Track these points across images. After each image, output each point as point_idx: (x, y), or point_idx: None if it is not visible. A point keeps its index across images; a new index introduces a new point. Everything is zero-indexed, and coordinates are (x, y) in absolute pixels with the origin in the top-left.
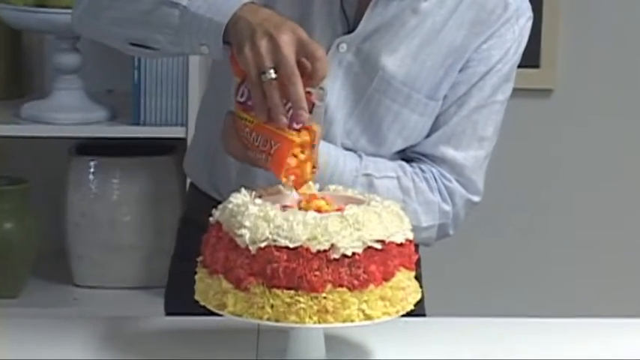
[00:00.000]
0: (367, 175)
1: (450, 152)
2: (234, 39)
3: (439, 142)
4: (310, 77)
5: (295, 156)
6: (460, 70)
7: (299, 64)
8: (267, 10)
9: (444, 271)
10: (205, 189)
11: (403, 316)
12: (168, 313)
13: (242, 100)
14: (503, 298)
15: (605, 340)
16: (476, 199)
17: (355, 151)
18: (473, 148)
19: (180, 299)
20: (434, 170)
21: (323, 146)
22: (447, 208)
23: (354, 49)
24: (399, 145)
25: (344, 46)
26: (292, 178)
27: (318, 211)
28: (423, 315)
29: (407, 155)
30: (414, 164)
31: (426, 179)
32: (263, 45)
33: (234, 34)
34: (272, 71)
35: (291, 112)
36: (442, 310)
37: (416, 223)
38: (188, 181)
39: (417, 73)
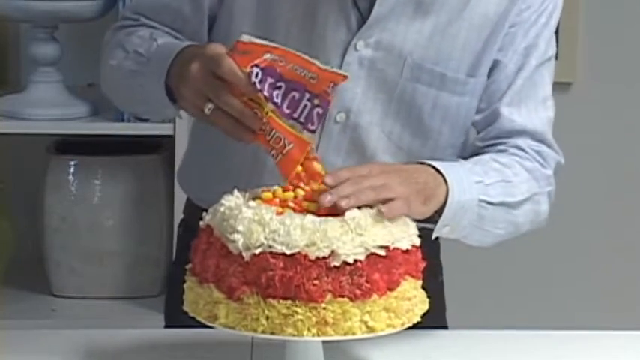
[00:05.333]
0: (482, 183)
1: (524, 121)
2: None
3: (511, 115)
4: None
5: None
6: (506, 35)
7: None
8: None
9: (469, 280)
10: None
11: (422, 327)
12: (168, 325)
13: (255, 80)
14: (529, 309)
15: (633, 353)
16: (562, 160)
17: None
18: (541, 111)
19: (181, 309)
20: (519, 143)
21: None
22: (549, 172)
23: (374, 44)
24: (446, 135)
25: (361, 43)
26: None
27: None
28: (445, 327)
29: (482, 150)
30: (498, 153)
31: (523, 157)
32: (185, 91)
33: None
34: (208, 105)
35: (305, 112)
36: (466, 322)
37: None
38: (176, 182)
39: (449, 50)
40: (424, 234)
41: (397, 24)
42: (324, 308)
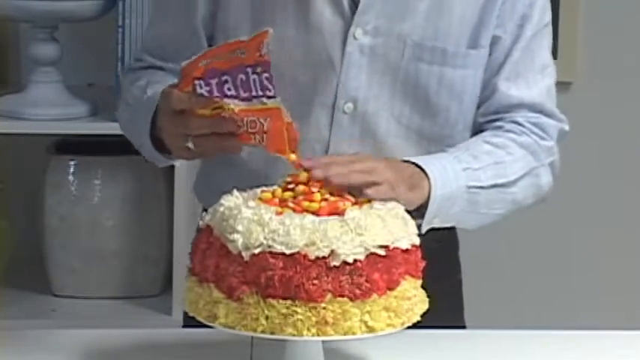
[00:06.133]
0: (470, 169)
1: (522, 94)
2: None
3: (509, 90)
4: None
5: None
6: (503, 4)
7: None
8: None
9: (473, 280)
10: None
11: (439, 327)
12: (186, 325)
13: (202, 90)
14: (529, 309)
15: (634, 353)
16: (566, 126)
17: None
18: (539, 81)
19: None
20: (516, 117)
21: (431, 168)
22: (550, 143)
23: (372, 30)
24: (454, 110)
25: (359, 31)
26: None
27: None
28: (463, 327)
29: (483, 126)
30: (494, 130)
31: (519, 132)
32: (168, 142)
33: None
34: (188, 139)
35: (258, 85)
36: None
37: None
38: (176, 182)
39: (447, 25)
40: (439, 234)
41: (392, 7)
42: (324, 308)
